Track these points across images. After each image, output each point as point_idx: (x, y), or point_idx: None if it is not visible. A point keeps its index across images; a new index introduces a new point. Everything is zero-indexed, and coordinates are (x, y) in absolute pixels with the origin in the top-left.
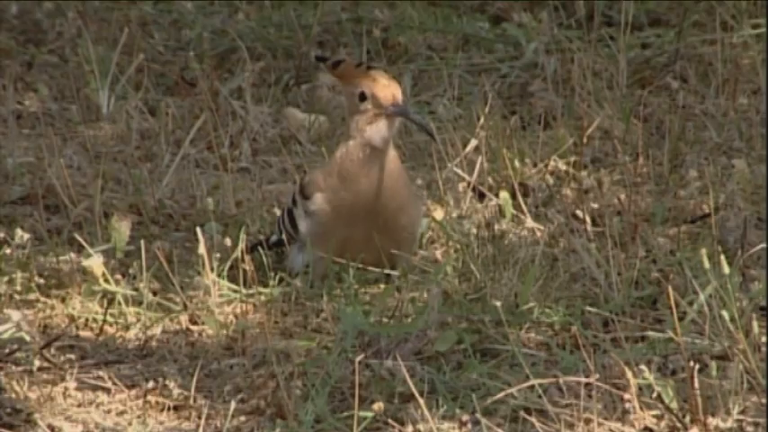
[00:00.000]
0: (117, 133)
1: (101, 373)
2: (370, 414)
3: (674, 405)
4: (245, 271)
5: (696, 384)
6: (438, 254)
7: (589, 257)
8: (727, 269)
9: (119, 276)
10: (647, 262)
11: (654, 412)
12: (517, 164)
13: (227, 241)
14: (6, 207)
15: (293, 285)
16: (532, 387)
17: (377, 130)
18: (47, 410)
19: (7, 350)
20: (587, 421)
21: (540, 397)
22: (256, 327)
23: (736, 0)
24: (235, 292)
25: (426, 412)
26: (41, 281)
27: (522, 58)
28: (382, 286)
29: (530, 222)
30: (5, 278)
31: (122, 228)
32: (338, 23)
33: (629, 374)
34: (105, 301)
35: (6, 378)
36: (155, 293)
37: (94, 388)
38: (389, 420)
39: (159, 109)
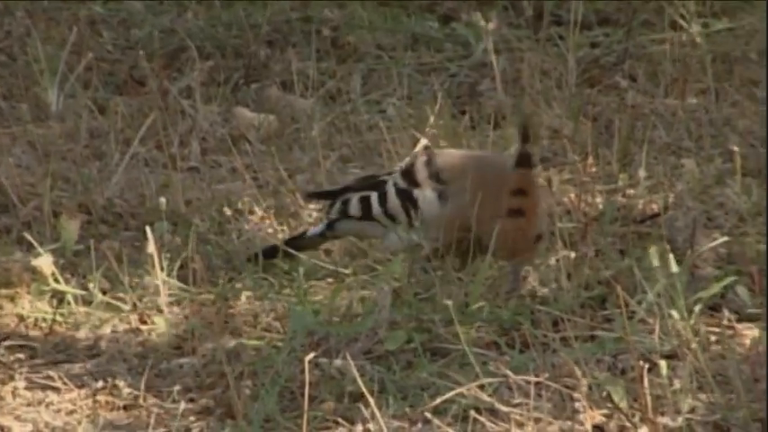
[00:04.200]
0: (66, 132)
1: (50, 372)
2: (320, 413)
3: (623, 404)
4: (194, 270)
5: (646, 383)
6: (386, 253)
7: (538, 257)
8: (675, 268)
9: (68, 276)
10: (597, 261)
11: (603, 411)
12: None
13: (177, 240)
14: None
15: (242, 284)
16: (482, 386)
17: None
18: None
19: None
20: (537, 420)
21: (490, 396)
22: (206, 326)
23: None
24: (184, 291)
25: (376, 411)
26: None
27: (472, 57)
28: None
29: None
30: None
31: (72, 227)
32: (287, 23)
33: (579, 374)
34: (55, 301)
35: None
36: (104, 293)
37: (44, 387)
38: (339, 420)
39: (108, 108)
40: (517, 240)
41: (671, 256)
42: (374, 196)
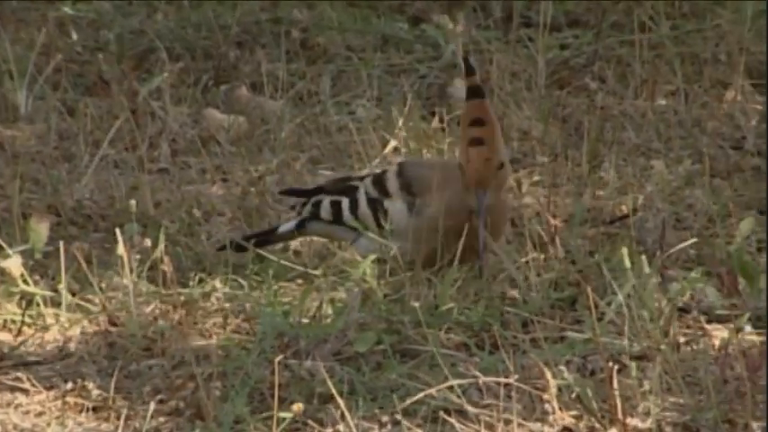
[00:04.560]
0: (35, 134)
1: (19, 374)
2: (289, 415)
3: (593, 405)
4: (164, 272)
5: (615, 385)
6: (357, 254)
7: (508, 258)
8: (646, 269)
9: (37, 277)
10: (566, 263)
11: (573, 412)
12: None
13: (147, 242)
14: None
15: (212, 285)
16: (452, 387)
17: None
18: None
19: None
20: (507, 422)
21: (459, 397)
22: (176, 328)
23: (654, 0)
24: (154, 292)
25: (346, 413)
26: None
27: (441, 58)
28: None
29: None
30: None
31: (41, 228)
32: (257, 24)
33: (549, 375)
34: (24, 303)
35: None
36: (73, 294)
37: (13, 389)
38: (309, 421)
39: (78, 109)
40: (481, 168)
41: (643, 257)
42: (345, 202)
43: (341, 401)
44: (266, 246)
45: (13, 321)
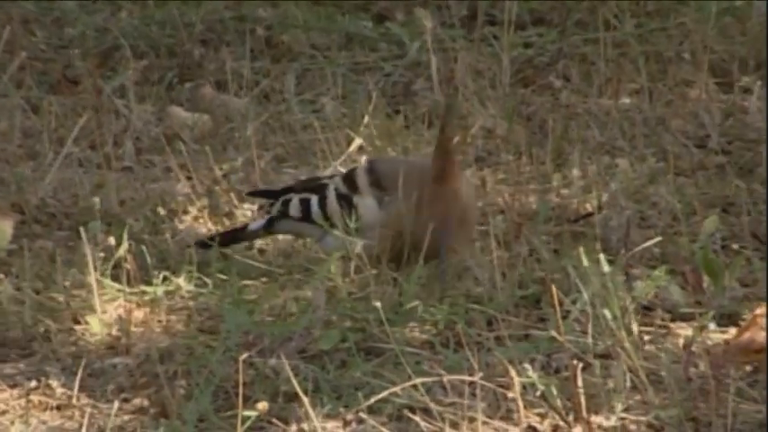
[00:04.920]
0: None
1: None
2: (254, 413)
3: (557, 403)
4: (128, 270)
5: (579, 383)
6: (322, 253)
7: (473, 256)
8: (607, 268)
9: (1, 275)
10: (531, 261)
11: (538, 410)
12: None
13: (111, 240)
14: None
15: (176, 284)
16: (416, 386)
17: None
18: None
19: None
20: (471, 420)
21: (423, 395)
22: (140, 326)
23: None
24: (118, 291)
25: (310, 411)
26: None
27: (406, 57)
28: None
29: None
30: None
31: (5, 227)
32: (221, 22)
33: (513, 373)
34: None
35: None
36: (38, 292)
37: None
38: (273, 419)
39: (42, 107)
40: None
41: (601, 256)
42: (314, 199)
43: (305, 399)
44: (237, 243)
45: None
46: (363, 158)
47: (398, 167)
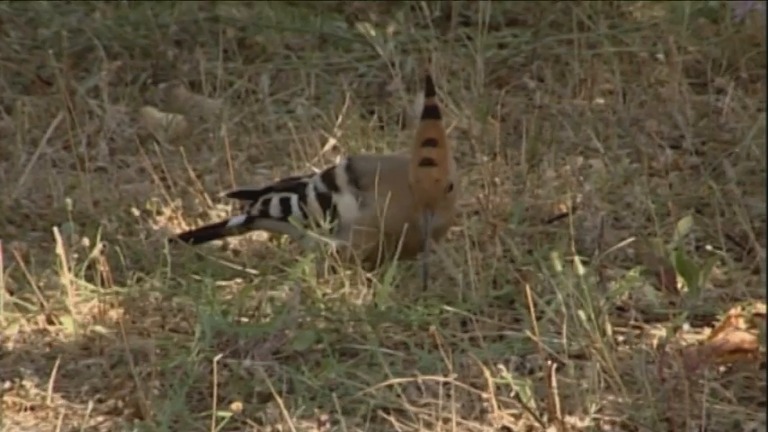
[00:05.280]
0: None
1: None
2: (228, 414)
3: (531, 404)
4: (102, 271)
5: (554, 383)
6: (296, 253)
7: (447, 257)
8: (581, 270)
9: None
10: (505, 261)
11: (512, 411)
12: None
13: (85, 241)
14: None
15: (150, 284)
16: (391, 386)
17: None
18: None
19: None
20: (446, 420)
21: (398, 396)
22: (114, 326)
23: (593, 0)
24: (92, 291)
25: (285, 412)
26: None
27: (380, 57)
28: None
29: None
30: None
31: None
32: (195, 22)
33: (487, 373)
34: None
35: None
36: (11, 293)
37: None
38: (248, 420)
39: (15, 108)
40: (430, 189)
41: (576, 258)
42: (294, 199)
43: (280, 400)
44: (215, 239)
45: None
46: (342, 156)
47: (378, 166)
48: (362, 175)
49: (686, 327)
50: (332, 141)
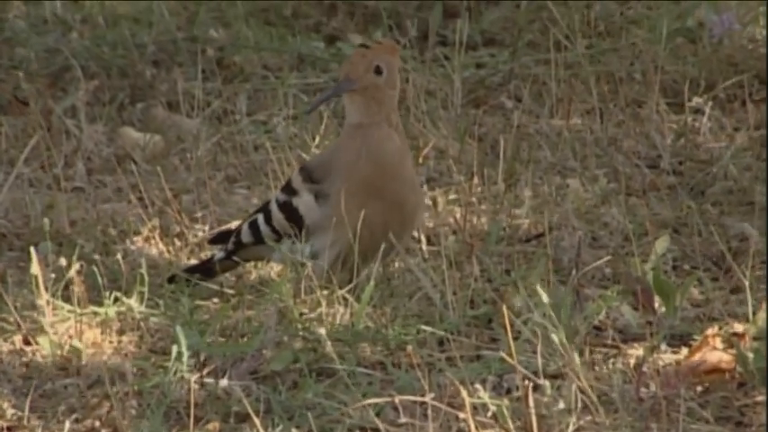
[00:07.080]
0: None
1: None
2: None
3: (509, 424)
4: (79, 291)
5: (531, 403)
6: (273, 273)
7: (424, 277)
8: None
9: None
10: (483, 281)
11: (489, 431)
12: None
13: (62, 261)
14: None
15: (128, 305)
16: (368, 406)
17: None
18: None
19: None
20: None
21: (375, 416)
22: (91, 347)
23: (570, 20)
24: (69, 311)
25: None
26: None
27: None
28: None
29: None
30: None
31: None
32: (173, 43)
33: (465, 393)
34: None
35: None
36: None
37: None
38: None
39: None
40: (355, 60)
41: (552, 277)
42: (261, 218)
43: (257, 420)
44: (211, 277)
45: None
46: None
47: (327, 157)
48: (314, 169)
49: (663, 346)
50: None
